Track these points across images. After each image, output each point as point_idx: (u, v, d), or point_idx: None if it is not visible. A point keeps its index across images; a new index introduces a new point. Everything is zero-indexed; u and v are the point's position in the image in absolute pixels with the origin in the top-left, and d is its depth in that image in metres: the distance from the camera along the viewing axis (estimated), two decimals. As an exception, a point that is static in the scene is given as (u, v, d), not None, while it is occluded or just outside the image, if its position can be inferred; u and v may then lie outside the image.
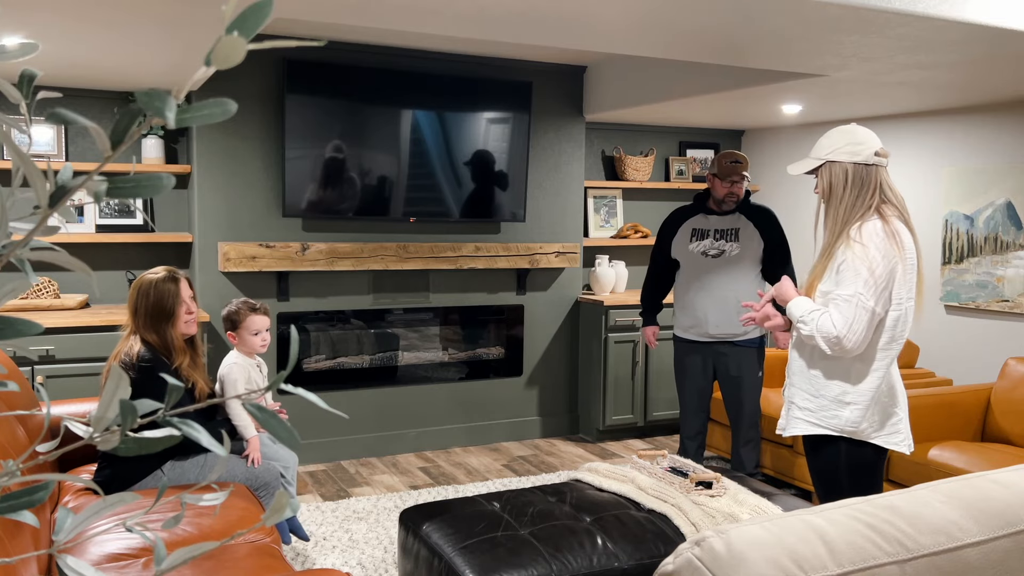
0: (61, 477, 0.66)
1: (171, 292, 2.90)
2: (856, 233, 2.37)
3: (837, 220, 2.42)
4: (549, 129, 5.18)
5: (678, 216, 4.07)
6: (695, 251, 3.97)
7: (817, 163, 2.47)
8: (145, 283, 2.91)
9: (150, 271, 2.98)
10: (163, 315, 2.88)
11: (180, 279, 2.95)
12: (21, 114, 0.68)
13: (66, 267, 0.69)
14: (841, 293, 2.35)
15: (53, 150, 4.33)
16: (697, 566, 1.10)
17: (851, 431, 2.43)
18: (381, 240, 4.75)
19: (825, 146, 2.46)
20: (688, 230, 4.00)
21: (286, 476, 3.11)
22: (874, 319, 2.34)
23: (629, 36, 3.02)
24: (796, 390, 2.54)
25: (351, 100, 4.47)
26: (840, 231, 2.41)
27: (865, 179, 2.40)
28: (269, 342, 3.23)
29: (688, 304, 4.00)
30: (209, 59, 0.59)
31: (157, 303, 2.88)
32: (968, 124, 4.65)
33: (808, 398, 2.50)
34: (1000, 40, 2.89)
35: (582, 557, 2.47)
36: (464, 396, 5.12)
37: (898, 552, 1.12)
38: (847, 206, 2.40)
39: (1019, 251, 4.37)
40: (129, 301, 2.93)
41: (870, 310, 2.32)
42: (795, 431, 2.55)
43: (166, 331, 2.88)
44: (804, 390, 2.51)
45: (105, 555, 2.27)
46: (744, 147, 6.16)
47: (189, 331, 2.95)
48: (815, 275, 2.46)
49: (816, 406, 2.48)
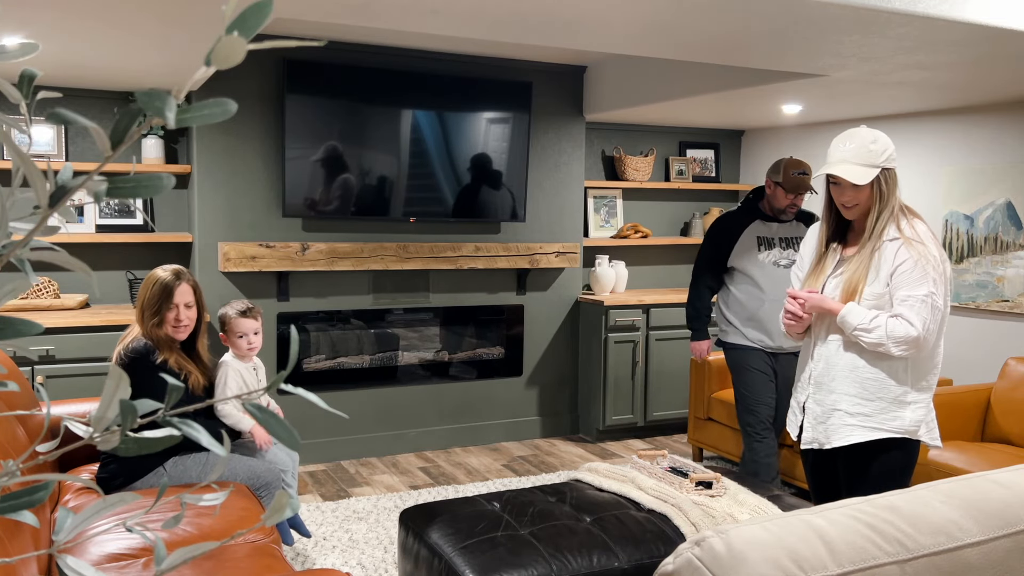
0: (61, 477, 0.66)
1: (165, 292, 2.90)
2: (911, 231, 2.36)
3: (882, 221, 2.40)
4: (549, 129, 5.18)
5: (735, 223, 3.80)
6: (766, 261, 3.72)
7: (877, 170, 2.37)
8: (151, 277, 2.95)
9: (163, 267, 3.00)
10: (151, 312, 2.90)
11: (181, 283, 2.92)
12: (21, 114, 0.68)
13: (66, 267, 0.69)
14: (913, 294, 2.31)
15: (53, 150, 4.33)
16: (697, 566, 1.10)
17: (913, 431, 2.40)
18: (381, 240, 4.75)
19: (878, 151, 2.37)
20: (752, 238, 3.75)
21: (286, 479, 3.11)
22: (943, 319, 2.35)
23: (629, 36, 3.02)
24: (841, 396, 2.46)
25: (351, 100, 4.47)
26: (880, 233, 2.39)
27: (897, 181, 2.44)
28: (258, 346, 3.17)
29: (758, 317, 3.72)
30: (209, 59, 0.59)
31: (151, 299, 2.90)
32: (968, 124, 4.65)
33: (860, 403, 2.42)
34: (1000, 40, 2.89)
35: (582, 557, 2.47)
36: (464, 396, 5.12)
37: (898, 552, 1.12)
38: (892, 209, 2.40)
39: (1019, 251, 4.37)
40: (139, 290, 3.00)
41: (941, 309, 2.33)
42: (852, 439, 2.44)
43: (151, 327, 2.89)
44: (854, 395, 2.43)
45: (105, 555, 2.27)
46: (744, 147, 6.16)
47: (178, 337, 2.93)
48: (857, 277, 2.40)
49: (873, 409, 2.40)
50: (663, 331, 5.30)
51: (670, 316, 5.31)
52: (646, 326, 5.25)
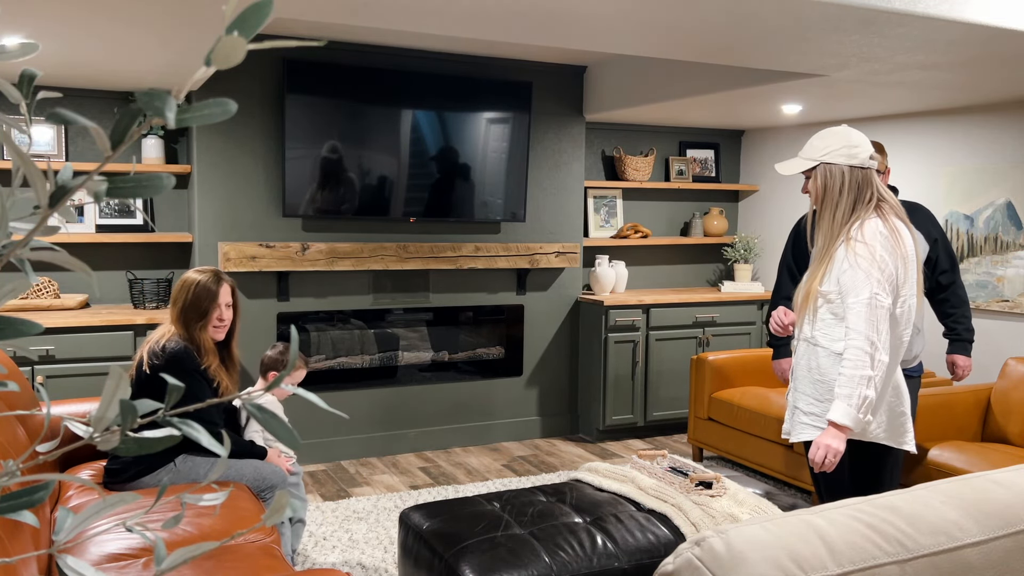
0: (61, 477, 0.66)
1: (210, 294, 2.93)
2: (858, 233, 2.34)
3: (833, 223, 2.39)
4: (549, 129, 5.18)
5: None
6: None
7: (810, 164, 2.43)
8: (189, 279, 2.95)
9: (198, 268, 3.02)
10: (196, 315, 2.91)
11: (223, 284, 2.97)
12: (21, 114, 0.68)
13: (66, 267, 0.69)
14: (857, 299, 2.29)
15: (53, 150, 4.33)
16: (697, 566, 1.10)
17: (858, 433, 2.39)
18: (381, 240, 4.75)
19: (819, 147, 2.41)
20: None
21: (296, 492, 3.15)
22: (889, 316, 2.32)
23: (629, 36, 3.02)
24: (800, 395, 2.51)
25: (351, 100, 4.47)
26: (837, 233, 2.38)
27: (862, 182, 2.37)
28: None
29: None
30: (209, 59, 0.59)
31: (194, 301, 2.91)
32: (968, 124, 4.65)
33: (813, 403, 2.47)
34: (1000, 40, 2.89)
35: (582, 557, 2.47)
36: (464, 396, 5.12)
37: (898, 552, 1.12)
38: (844, 209, 2.37)
39: (1019, 251, 4.37)
40: (172, 293, 2.99)
41: (887, 308, 2.30)
42: (801, 437, 2.51)
43: (196, 331, 2.91)
44: (809, 395, 2.48)
45: (105, 555, 2.27)
46: (744, 147, 6.16)
47: (216, 336, 2.98)
48: (813, 278, 2.42)
49: (821, 410, 2.44)
50: (663, 331, 5.30)
51: (670, 316, 5.31)
52: (646, 326, 5.25)
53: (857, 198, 2.37)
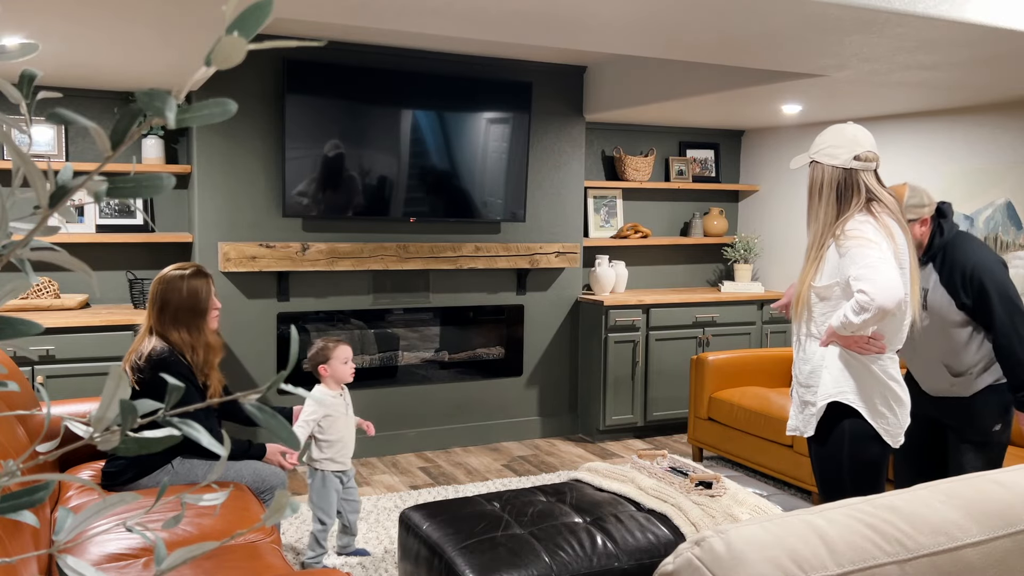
0: (61, 477, 0.66)
1: (203, 288, 2.88)
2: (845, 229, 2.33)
3: (818, 221, 2.39)
4: (549, 129, 5.18)
5: None
6: None
7: (807, 160, 2.47)
8: (174, 279, 2.85)
9: (174, 267, 2.92)
10: (196, 311, 2.85)
11: (209, 275, 2.96)
12: (21, 114, 0.68)
13: (66, 267, 0.69)
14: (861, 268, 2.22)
15: (53, 150, 4.33)
16: (697, 566, 1.10)
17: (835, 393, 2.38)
18: (381, 240, 4.75)
19: (816, 144, 2.44)
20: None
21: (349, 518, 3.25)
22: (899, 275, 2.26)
23: (629, 36, 3.02)
24: (805, 389, 2.53)
25: (351, 100, 4.47)
26: (823, 231, 2.38)
27: (844, 183, 2.35)
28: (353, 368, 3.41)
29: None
30: (209, 59, 0.59)
31: (190, 299, 2.84)
32: (968, 124, 4.65)
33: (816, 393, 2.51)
34: (1000, 40, 2.89)
35: (582, 557, 2.47)
36: (464, 396, 5.12)
37: (898, 552, 1.12)
38: (826, 208, 2.37)
39: (1019, 251, 4.37)
40: (151, 298, 2.85)
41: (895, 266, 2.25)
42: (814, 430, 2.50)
43: (198, 327, 2.85)
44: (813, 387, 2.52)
45: (105, 555, 2.27)
46: (744, 147, 6.16)
47: (213, 325, 2.97)
48: (804, 279, 2.43)
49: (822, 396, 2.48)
50: (663, 331, 5.30)
51: (670, 316, 5.31)
52: (646, 326, 5.25)
53: (840, 197, 2.35)
